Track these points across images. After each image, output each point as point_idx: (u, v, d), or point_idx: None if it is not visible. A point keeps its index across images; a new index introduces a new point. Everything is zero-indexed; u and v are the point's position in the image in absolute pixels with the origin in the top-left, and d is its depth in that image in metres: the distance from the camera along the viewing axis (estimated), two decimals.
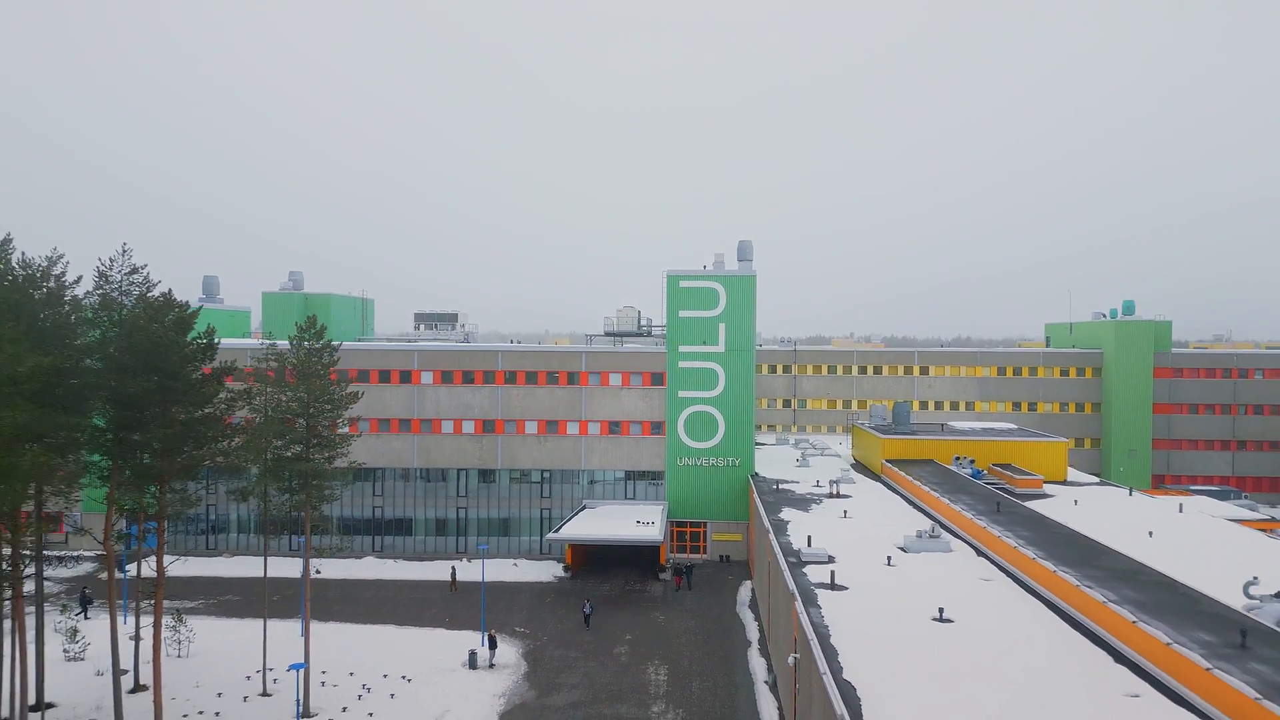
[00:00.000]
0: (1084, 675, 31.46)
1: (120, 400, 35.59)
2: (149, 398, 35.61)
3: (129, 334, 35.84)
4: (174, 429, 35.86)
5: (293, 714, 46.15)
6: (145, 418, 36.33)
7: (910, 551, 48.84)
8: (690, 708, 46.47)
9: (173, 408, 36.63)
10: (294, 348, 46.17)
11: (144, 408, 35.90)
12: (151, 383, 35.48)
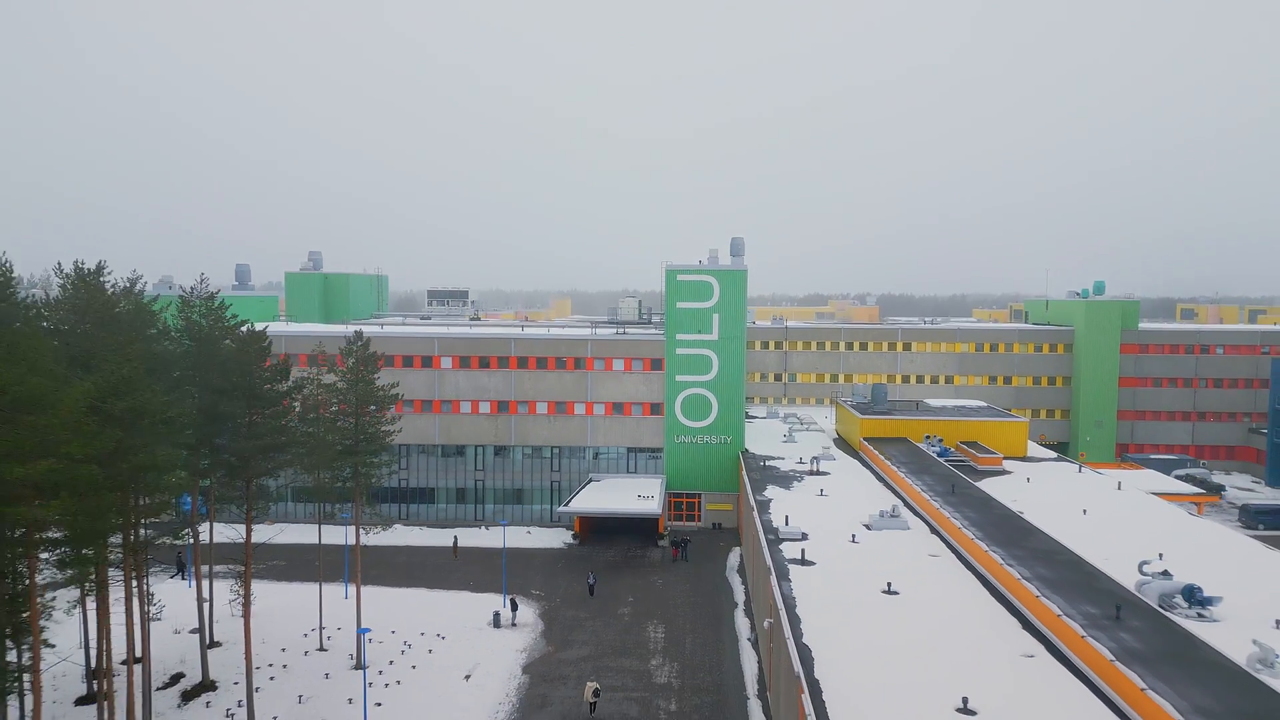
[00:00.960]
0: (995, 638, 39.54)
1: (212, 415, 43.10)
2: (238, 412, 43.20)
3: (223, 363, 43.25)
4: (262, 440, 43.50)
5: (347, 666, 54.64)
6: (231, 428, 43.95)
7: (873, 529, 56.86)
8: (684, 661, 54.93)
9: (256, 419, 44.25)
10: (344, 355, 53.59)
11: (233, 419, 43.48)
12: (240, 402, 43.00)
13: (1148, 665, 33.85)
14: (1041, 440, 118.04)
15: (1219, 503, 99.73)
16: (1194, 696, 31.31)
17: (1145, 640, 36.63)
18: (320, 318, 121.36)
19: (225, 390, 42.98)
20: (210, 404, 42.54)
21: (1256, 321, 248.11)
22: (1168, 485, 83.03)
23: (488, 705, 49.11)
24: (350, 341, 54.08)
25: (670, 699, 49.62)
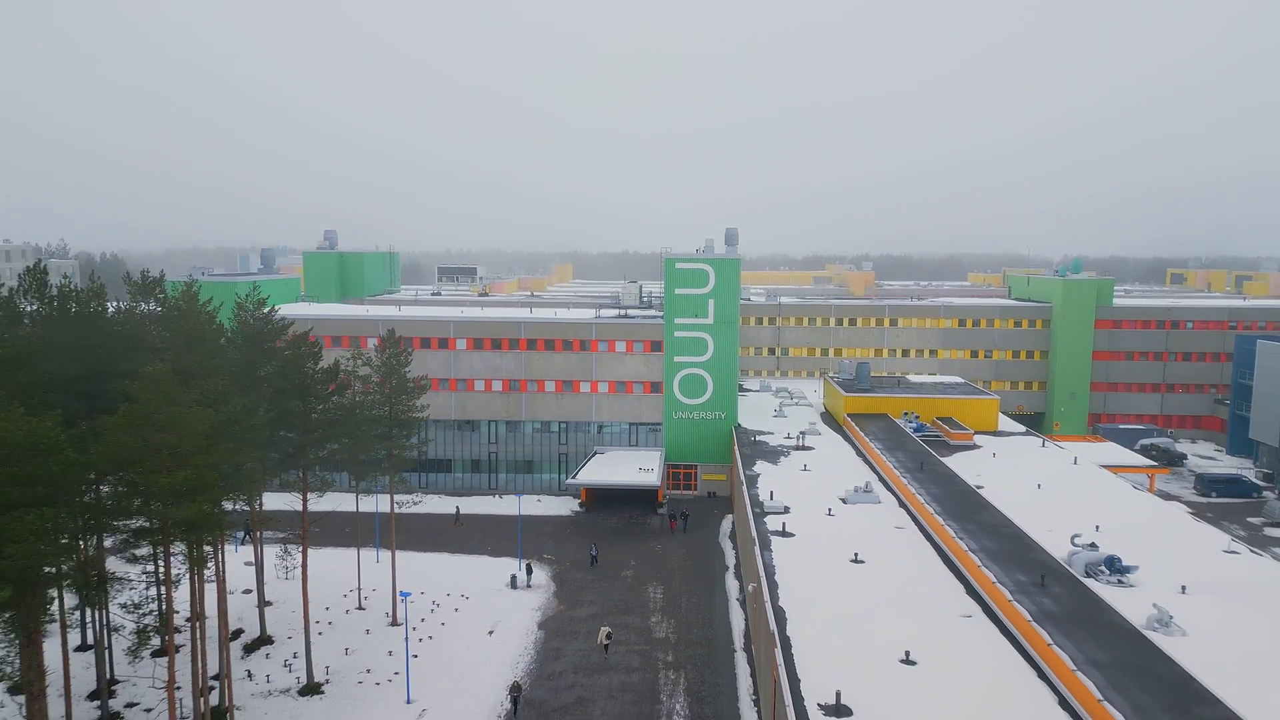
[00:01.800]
0: (941, 602, 46.85)
1: (278, 413, 49.91)
2: (296, 409, 50.09)
3: (283, 367, 50.00)
4: (315, 432, 50.44)
5: (384, 623, 62.30)
6: (290, 422, 50.89)
7: (848, 503, 64.11)
8: (680, 618, 62.54)
9: (312, 414, 51.18)
10: (379, 354, 60.30)
11: (293, 415, 50.38)
12: (297, 399, 49.85)
13: (1058, 625, 41.14)
14: (1019, 411, 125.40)
15: (1180, 470, 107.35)
16: (1090, 650, 38.59)
17: (1061, 604, 43.92)
18: (337, 294, 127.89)
19: (286, 390, 49.83)
20: (274, 402, 49.34)
21: (1242, 288, 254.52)
22: (1125, 458, 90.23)
23: (510, 657, 56.74)
24: (384, 339, 60.75)
25: (668, 651, 57.25)
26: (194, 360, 40.41)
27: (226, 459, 34.99)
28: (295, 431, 49.90)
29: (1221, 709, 33.46)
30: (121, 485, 33.11)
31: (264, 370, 52.91)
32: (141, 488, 31.65)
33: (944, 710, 35.16)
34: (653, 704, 50.37)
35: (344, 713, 49.62)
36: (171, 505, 31.72)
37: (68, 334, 43.12)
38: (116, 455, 30.87)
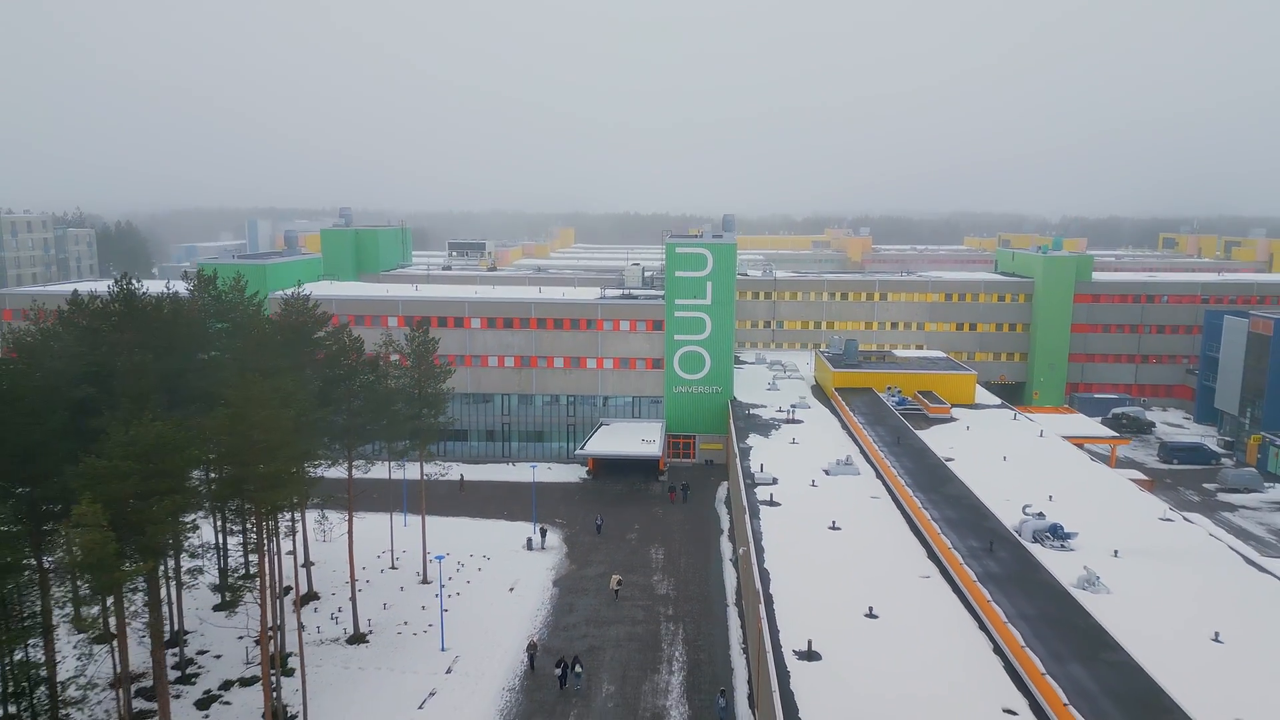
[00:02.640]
0: (904, 564, 54.14)
1: (325, 401, 56.83)
2: (341, 397, 57.06)
3: (334, 357, 56.89)
4: (359, 417, 57.46)
5: (416, 581, 69.90)
6: (337, 406, 57.89)
7: (831, 475, 71.29)
8: (679, 576, 70.14)
9: (354, 400, 58.13)
10: (409, 341, 67.00)
11: (339, 402, 57.37)
12: (341, 387, 56.77)
13: (999, 584, 48.47)
14: (1001, 380, 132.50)
15: (1147, 438, 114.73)
16: (1022, 606, 45.92)
17: (1005, 566, 51.23)
18: (353, 269, 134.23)
19: (333, 380, 56.73)
20: (323, 392, 56.24)
21: (1231, 254, 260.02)
22: (1091, 429, 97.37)
23: (529, 611, 64.40)
24: (414, 328, 67.45)
25: (669, 606, 64.89)
26: (263, 360, 47.24)
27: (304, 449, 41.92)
28: (340, 415, 56.80)
29: (1122, 655, 40.78)
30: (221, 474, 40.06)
31: (310, 359, 59.79)
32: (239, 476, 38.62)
33: (897, 655, 42.51)
34: (655, 652, 58.05)
35: (388, 659, 57.31)
36: (263, 490, 38.74)
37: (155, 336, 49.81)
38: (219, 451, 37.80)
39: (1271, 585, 51.58)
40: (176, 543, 47.76)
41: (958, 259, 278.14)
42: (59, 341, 53.69)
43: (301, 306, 62.80)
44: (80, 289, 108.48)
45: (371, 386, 59.37)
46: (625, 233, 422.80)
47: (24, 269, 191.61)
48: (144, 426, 34.31)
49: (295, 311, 62.63)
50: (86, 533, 30.85)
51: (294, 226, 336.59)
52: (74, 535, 30.98)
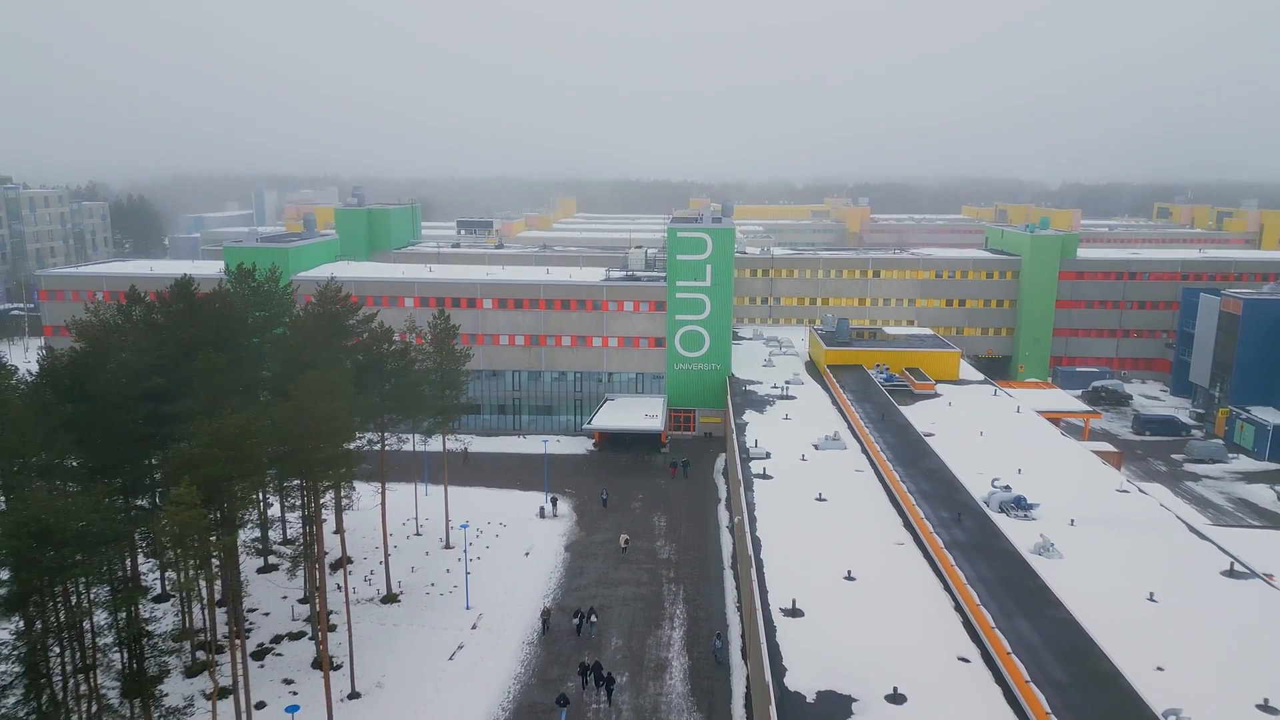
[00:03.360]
0: (881, 532, 60.39)
1: (361, 382, 62.78)
2: (375, 383, 63.07)
3: (368, 347, 62.78)
4: (390, 401, 63.47)
5: (439, 546, 76.34)
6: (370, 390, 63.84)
7: (820, 449, 77.41)
8: (680, 542, 76.61)
9: (386, 385, 64.17)
10: (431, 328, 72.71)
11: (372, 381, 63.37)
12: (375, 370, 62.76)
13: (963, 551, 54.74)
14: (989, 354, 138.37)
15: (1124, 410, 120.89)
16: (982, 570, 52.21)
17: (970, 534, 57.48)
18: (366, 247, 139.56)
19: (365, 366, 62.69)
20: (358, 379, 62.17)
21: (1223, 225, 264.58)
22: (1067, 404, 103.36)
23: (543, 573, 70.91)
24: (436, 316, 73.19)
25: (670, 569, 71.40)
26: (307, 354, 53.19)
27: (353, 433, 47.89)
28: (374, 397, 62.80)
29: (1063, 611, 47.10)
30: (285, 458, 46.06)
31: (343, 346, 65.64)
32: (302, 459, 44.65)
33: (870, 612, 48.85)
34: (658, 610, 64.62)
35: (419, 616, 63.89)
36: (322, 470, 44.81)
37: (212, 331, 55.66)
38: (285, 438, 43.75)
39: (1209, 551, 57.89)
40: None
41: (954, 229, 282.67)
42: (120, 333, 59.59)
43: (334, 295, 68.45)
44: (113, 271, 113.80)
45: (401, 372, 65.22)
46: (626, 201, 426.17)
47: (43, 243, 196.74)
48: (226, 419, 40.22)
49: (329, 300, 68.31)
50: (183, 510, 36.88)
51: (299, 196, 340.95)
52: (172, 512, 36.99)
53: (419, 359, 70.02)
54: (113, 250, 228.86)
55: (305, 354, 53.48)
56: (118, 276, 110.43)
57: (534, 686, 54.97)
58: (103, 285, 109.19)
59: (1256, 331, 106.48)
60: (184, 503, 37.12)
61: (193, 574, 39.12)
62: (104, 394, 45.36)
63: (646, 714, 52.03)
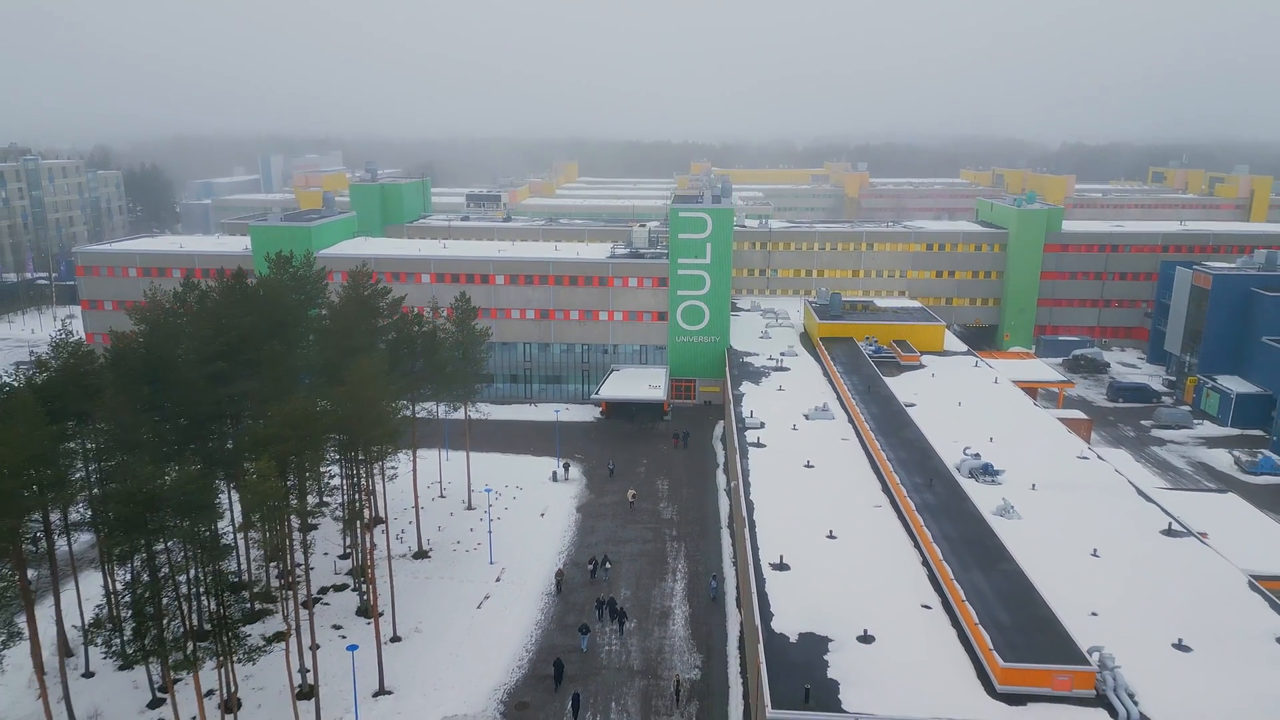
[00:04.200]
0: (862, 495, 67.49)
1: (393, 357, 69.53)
2: (407, 358, 69.90)
3: (398, 326, 69.48)
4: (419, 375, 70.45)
5: (462, 508, 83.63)
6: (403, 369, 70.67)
7: (810, 419, 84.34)
8: (681, 503, 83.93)
9: (416, 363, 70.92)
10: (455, 305, 79.21)
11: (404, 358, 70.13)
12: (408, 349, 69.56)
13: (932, 513, 61.83)
14: (976, 324, 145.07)
15: (1102, 377, 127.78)
16: (947, 529, 59.32)
17: (939, 498, 64.55)
18: (379, 221, 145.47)
19: (399, 345, 69.46)
20: (392, 357, 69.00)
21: (1214, 190, 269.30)
22: (1044, 374, 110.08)
23: (558, 532, 78.31)
24: (459, 299, 79.69)
25: (672, 528, 78.79)
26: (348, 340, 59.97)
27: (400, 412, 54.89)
28: (407, 375, 69.66)
29: (1013, 565, 54.26)
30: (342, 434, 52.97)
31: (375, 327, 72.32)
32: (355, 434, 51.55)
33: (848, 567, 56.07)
34: (662, 564, 72.09)
35: (448, 570, 71.38)
36: (374, 447, 51.73)
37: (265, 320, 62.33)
38: (340, 419, 50.65)
39: (1152, 512, 65.07)
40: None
41: (951, 193, 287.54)
42: (176, 317, 66.22)
43: (365, 280, 74.93)
44: (144, 248, 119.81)
45: (430, 351, 71.99)
46: (628, 163, 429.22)
47: (62, 213, 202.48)
48: (293, 403, 47.00)
49: (360, 284, 74.83)
50: (263, 481, 43.84)
51: (304, 161, 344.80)
52: (254, 484, 43.92)
53: (445, 340, 76.75)
54: (128, 218, 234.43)
55: (345, 339, 60.08)
56: (149, 253, 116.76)
57: (553, 631, 62.55)
58: (135, 262, 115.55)
59: (1224, 304, 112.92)
60: (264, 475, 44.09)
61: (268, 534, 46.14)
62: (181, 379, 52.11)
63: (653, 655, 59.62)
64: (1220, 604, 52.36)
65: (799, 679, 44.17)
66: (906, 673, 45.24)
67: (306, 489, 51.36)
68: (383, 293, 75.22)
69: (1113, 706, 42.17)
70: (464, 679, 56.88)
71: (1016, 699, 43.25)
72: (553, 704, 54.53)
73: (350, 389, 50.30)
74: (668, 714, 53.60)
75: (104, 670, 57.55)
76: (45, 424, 46.21)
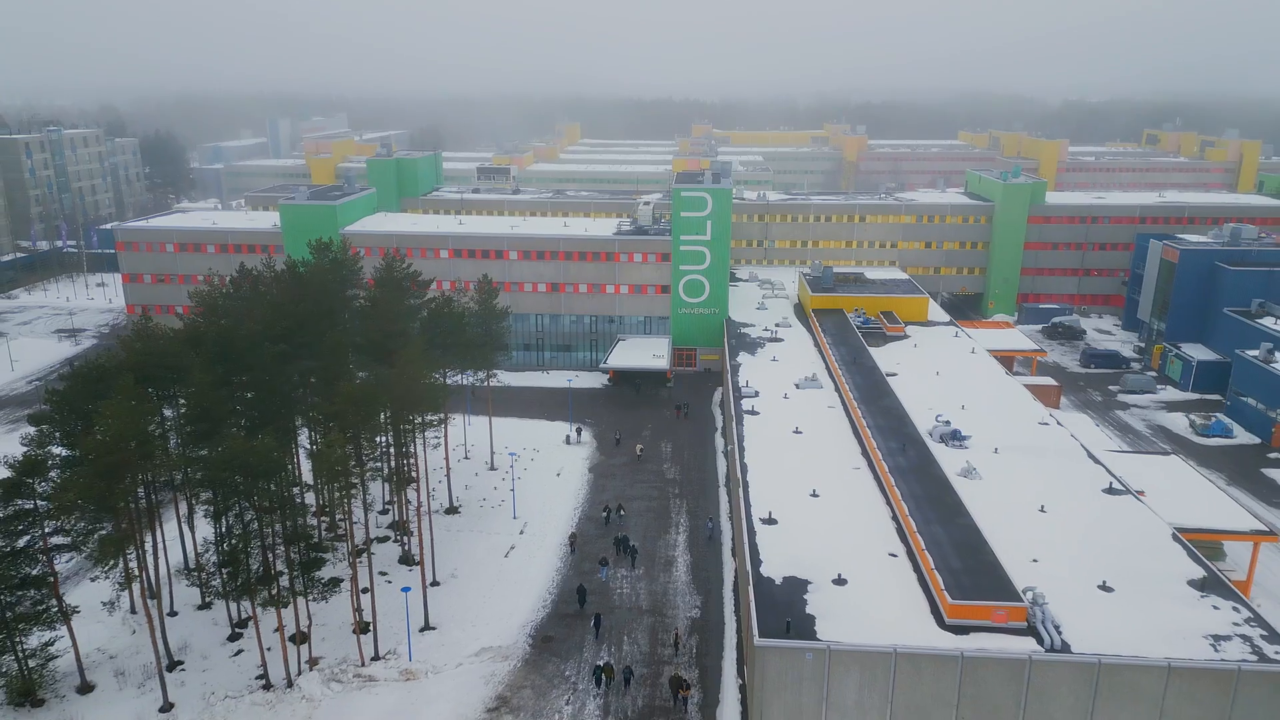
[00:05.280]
0: (843, 458, 76.22)
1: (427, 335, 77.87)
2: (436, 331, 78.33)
3: (429, 306, 77.69)
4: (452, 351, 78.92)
5: (485, 468, 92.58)
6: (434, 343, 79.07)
7: (800, 389, 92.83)
8: (684, 465, 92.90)
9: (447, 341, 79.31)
10: (477, 289, 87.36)
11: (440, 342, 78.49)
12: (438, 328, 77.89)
13: (903, 474, 70.58)
14: (963, 292, 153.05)
15: (1078, 344, 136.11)
16: (914, 488, 68.06)
17: (910, 460, 73.25)
18: (395, 194, 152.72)
19: (438, 330, 77.85)
20: (426, 335, 77.40)
21: (1205, 154, 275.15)
22: (1020, 343, 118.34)
23: (573, 490, 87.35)
24: (481, 282, 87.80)
25: (675, 487, 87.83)
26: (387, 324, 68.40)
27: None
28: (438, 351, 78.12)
29: (968, 519, 63.08)
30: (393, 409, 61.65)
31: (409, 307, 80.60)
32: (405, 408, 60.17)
33: (828, 521, 64.90)
34: (666, 518, 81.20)
35: (477, 524, 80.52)
36: (419, 421, 60.33)
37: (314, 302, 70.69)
38: (394, 395, 59.24)
39: (1098, 472, 73.75)
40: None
41: (948, 156, 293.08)
42: (233, 301, 74.53)
43: (399, 265, 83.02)
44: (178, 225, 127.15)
45: (458, 330, 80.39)
46: (629, 123, 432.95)
47: (84, 181, 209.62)
48: (353, 384, 55.47)
49: (394, 268, 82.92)
50: (334, 452, 52.50)
51: (310, 125, 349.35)
52: (327, 454, 52.58)
53: (469, 319, 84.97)
54: (144, 184, 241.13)
55: (386, 323, 68.51)
56: (185, 230, 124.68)
57: (572, 576, 71.79)
58: (172, 238, 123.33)
59: (1190, 277, 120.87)
60: (335, 445, 52.78)
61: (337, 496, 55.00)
62: (252, 360, 60.62)
63: (659, 597, 68.91)
64: (1144, 552, 61.26)
65: (782, 614, 53.18)
66: (872, 609, 54.26)
67: (364, 456, 60.11)
68: (414, 276, 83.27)
69: (1040, 635, 51.21)
70: (496, 616, 66.22)
71: (961, 630, 52.26)
72: (573, 637, 63.91)
73: (400, 369, 58.81)
74: (672, 650, 62.83)
75: (185, 610, 66.87)
76: (143, 401, 54.80)
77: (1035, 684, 49.99)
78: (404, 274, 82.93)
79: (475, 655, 61.75)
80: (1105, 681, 49.83)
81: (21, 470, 51.89)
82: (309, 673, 59.12)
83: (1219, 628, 52.59)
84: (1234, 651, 50.35)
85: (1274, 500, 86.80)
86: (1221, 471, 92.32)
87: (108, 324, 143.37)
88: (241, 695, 57.56)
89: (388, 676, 59.50)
